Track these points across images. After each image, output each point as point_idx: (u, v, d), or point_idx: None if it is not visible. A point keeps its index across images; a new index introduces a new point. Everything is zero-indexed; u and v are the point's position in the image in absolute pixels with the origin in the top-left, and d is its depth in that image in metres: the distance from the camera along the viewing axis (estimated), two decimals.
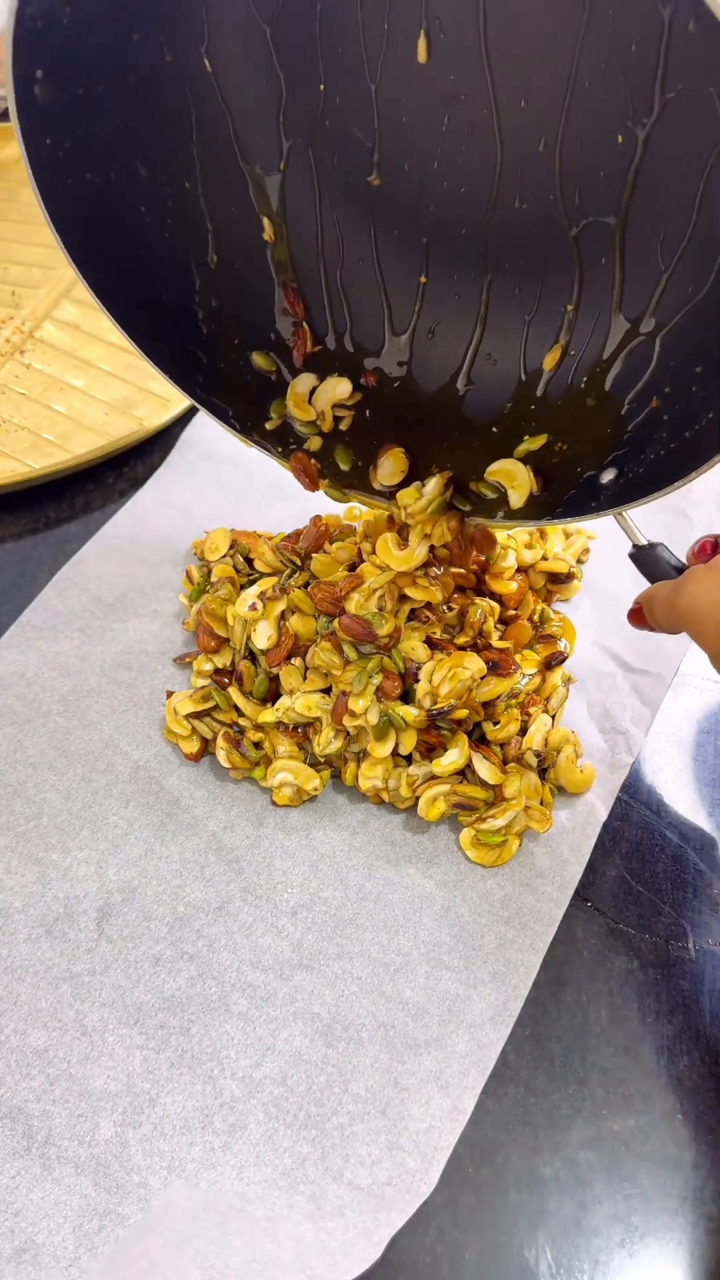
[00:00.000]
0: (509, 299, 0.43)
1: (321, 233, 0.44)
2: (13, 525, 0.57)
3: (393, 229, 0.43)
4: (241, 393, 0.48)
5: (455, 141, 0.39)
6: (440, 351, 0.46)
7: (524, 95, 0.37)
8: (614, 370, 0.42)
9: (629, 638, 0.53)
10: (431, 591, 0.47)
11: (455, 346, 0.45)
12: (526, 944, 0.43)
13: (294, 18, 0.38)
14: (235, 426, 0.48)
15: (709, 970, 0.43)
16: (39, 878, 0.44)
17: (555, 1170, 0.38)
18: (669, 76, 0.33)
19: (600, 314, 0.41)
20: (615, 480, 0.42)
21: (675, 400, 0.40)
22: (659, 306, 0.39)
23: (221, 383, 0.47)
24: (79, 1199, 0.37)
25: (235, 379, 0.48)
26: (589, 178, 0.38)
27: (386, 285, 0.45)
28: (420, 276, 0.44)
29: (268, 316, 0.47)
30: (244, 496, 0.59)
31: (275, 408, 0.48)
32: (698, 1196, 0.38)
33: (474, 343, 0.45)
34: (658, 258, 0.38)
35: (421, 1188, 0.37)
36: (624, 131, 0.36)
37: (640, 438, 0.41)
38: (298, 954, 0.43)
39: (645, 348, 0.41)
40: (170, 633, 0.53)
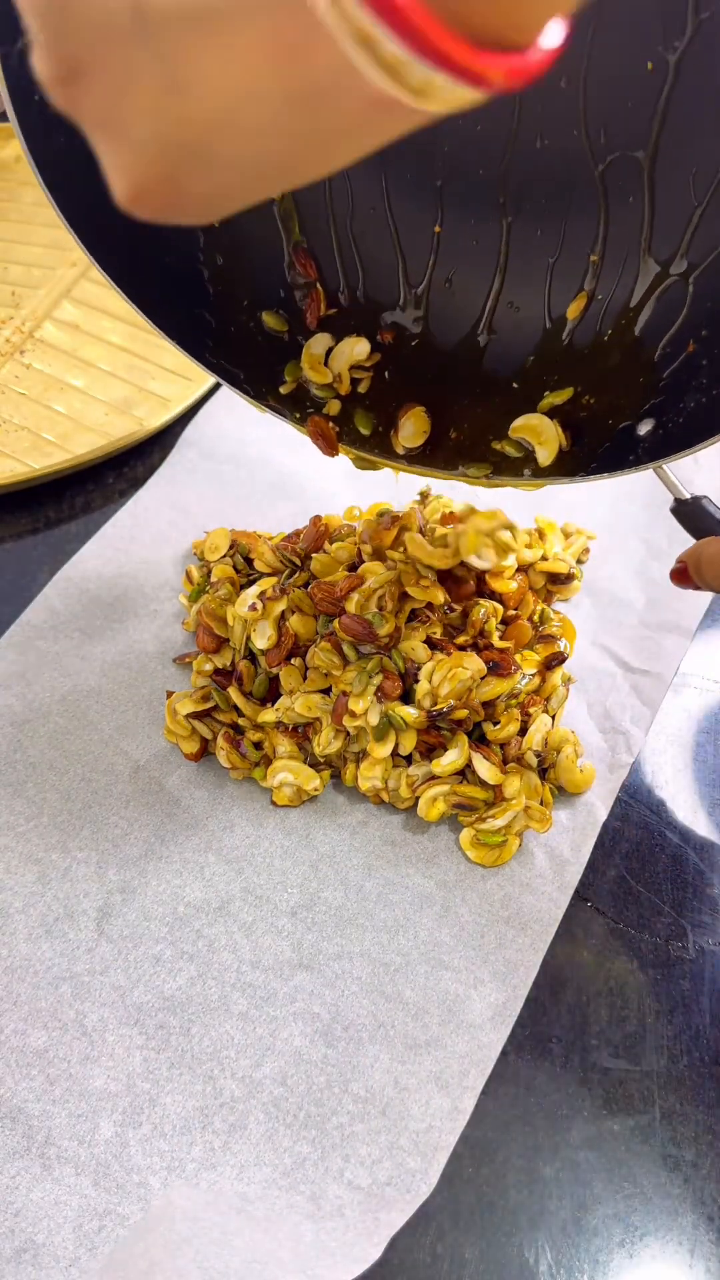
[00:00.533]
0: (530, 243, 0.41)
1: (328, 178, 0.42)
2: (13, 525, 0.57)
3: (405, 172, 0.41)
4: (253, 355, 0.46)
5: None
6: (459, 301, 0.44)
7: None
8: (644, 315, 0.40)
9: (629, 637, 0.53)
10: (433, 592, 0.47)
11: (474, 296, 0.43)
12: (526, 944, 0.43)
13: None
14: (248, 391, 0.46)
15: (709, 970, 0.43)
16: (39, 878, 0.44)
17: (555, 1170, 0.38)
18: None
19: (628, 256, 0.39)
20: (654, 431, 0.40)
21: (714, 343, 0.38)
22: (692, 245, 0.38)
23: (232, 346, 0.45)
24: (79, 1199, 0.37)
25: (246, 341, 0.46)
26: (616, 109, 0.36)
27: (400, 233, 0.43)
28: (435, 224, 0.42)
29: (277, 274, 0.45)
30: (244, 496, 0.59)
31: (289, 371, 0.46)
32: (698, 1196, 0.38)
33: (494, 291, 0.43)
34: (690, 193, 0.36)
35: (421, 1188, 0.37)
36: (654, 57, 0.34)
37: (677, 385, 0.39)
38: (298, 954, 0.43)
39: (678, 290, 0.39)
40: (170, 633, 0.53)
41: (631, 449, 0.41)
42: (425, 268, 0.44)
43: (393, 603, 0.47)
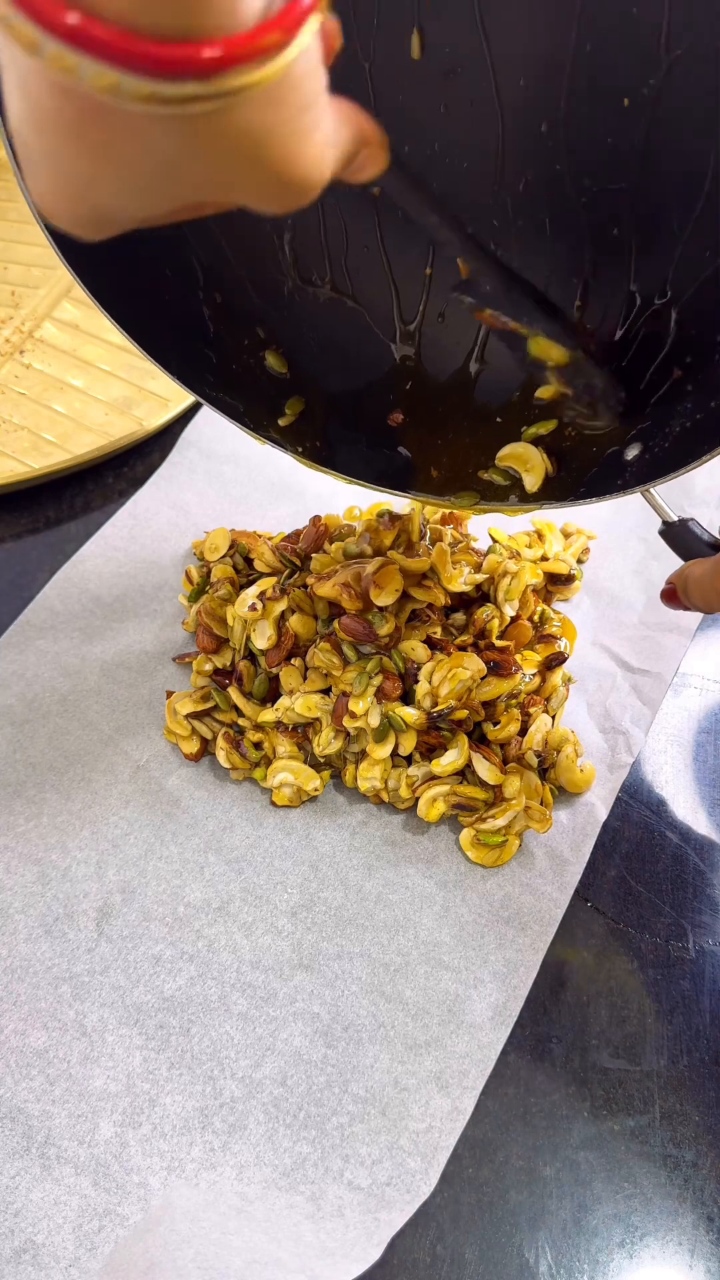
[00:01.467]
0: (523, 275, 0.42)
1: (323, 220, 0.43)
2: (13, 525, 0.57)
3: (396, 210, 0.42)
4: (254, 390, 0.47)
5: (455, 117, 0.38)
6: (451, 335, 0.45)
7: (524, 62, 0.36)
8: (631, 345, 0.41)
9: (629, 637, 0.53)
10: (435, 593, 0.47)
11: (466, 328, 0.44)
12: (526, 944, 0.43)
13: None
14: (247, 424, 0.46)
15: (709, 970, 0.43)
16: (39, 878, 0.44)
17: (555, 1170, 0.38)
18: (673, 34, 0.32)
19: (614, 286, 0.40)
20: (641, 455, 0.41)
21: (698, 369, 0.39)
22: (675, 275, 0.38)
23: (233, 381, 0.46)
24: (79, 1199, 0.37)
25: (247, 377, 0.46)
26: (596, 145, 0.37)
27: (394, 271, 0.44)
28: (428, 260, 0.43)
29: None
30: (244, 496, 0.59)
31: (291, 405, 0.47)
32: (698, 1197, 0.38)
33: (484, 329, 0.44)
34: (672, 223, 0.37)
35: (421, 1188, 0.37)
36: (630, 95, 0.35)
37: (664, 411, 0.40)
38: (298, 954, 0.43)
39: (662, 318, 0.39)
40: (170, 633, 0.53)
41: (619, 474, 0.41)
42: (418, 301, 0.44)
43: (389, 591, 0.47)
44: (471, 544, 0.51)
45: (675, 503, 0.59)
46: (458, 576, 0.48)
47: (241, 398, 0.46)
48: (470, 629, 0.48)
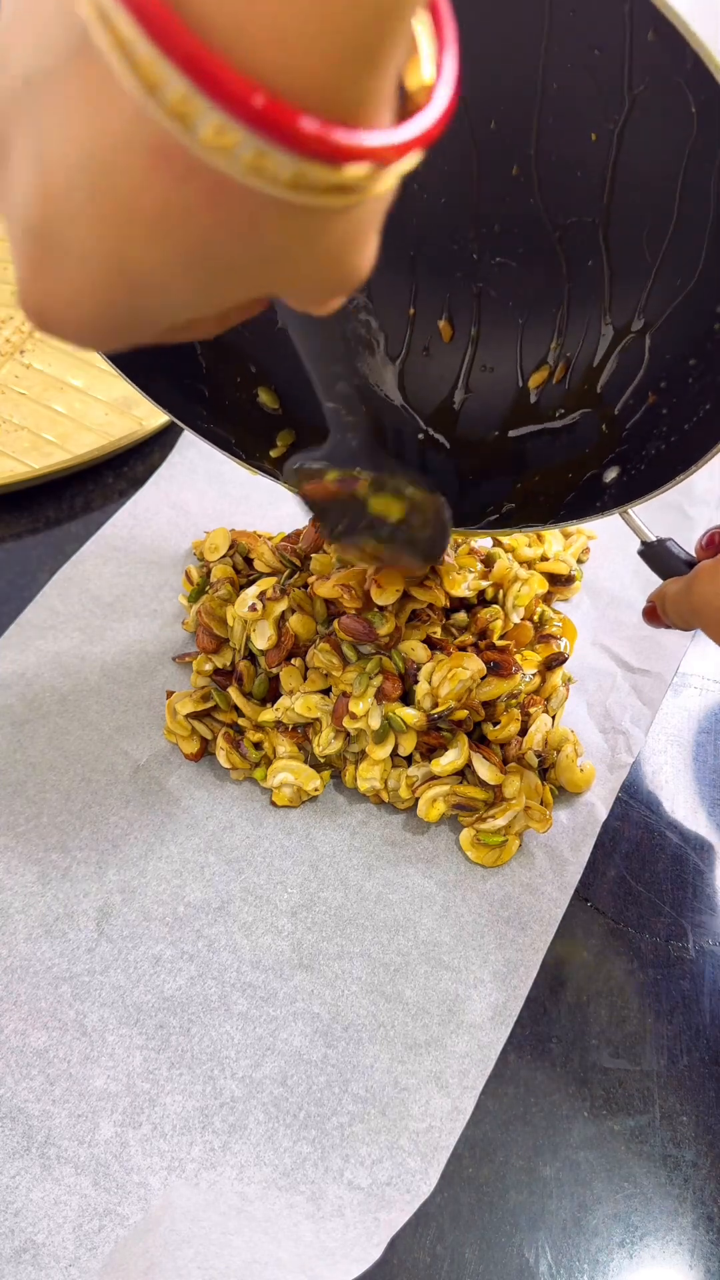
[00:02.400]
0: (499, 309, 0.43)
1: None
2: (13, 525, 0.57)
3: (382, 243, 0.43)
4: (246, 423, 0.47)
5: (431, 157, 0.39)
6: (435, 368, 0.46)
7: (495, 101, 0.37)
8: (607, 371, 0.42)
9: (629, 637, 0.53)
10: (436, 594, 0.47)
11: (450, 361, 0.45)
12: (526, 944, 0.43)
13: None
14: (239, 455, 0.47)
15: (709, 970, 0.43)
16: (39, 878, 0.44)
17: (555, 1170, 0.38)
18: (635, 73, 0.33)
19: (591, 315, 0.41)
20: (619, 478, 0.42)
21: (672, 394, 0.40)
22: (649, 302, 0.39)
23: (224, 414, 0.46)
24: (79, 1199, 0.37)
25: (238, 412, 0.47)
26: (567, 179, 0.38)
27: (376, 304, 0.45)
28: (410, 293, 0.44)
29: (270, 352, 0.46)
30: (244, 496, 0.59)
31: (282, 437, 0.47)
32: (697, 1196, 0.38)
33: (468, 356, 0.45)
34: (644, 252, 0.38)
35: (421, 1188, 0.37)
36: (598, 129, 0.36)
37: (640, 434, 0.41)
38: (298, 954, 0.43)
39: (637, 346, 0.40)
40: (170, 633, 0.53)
41: (598, 496, 0.42)
42: (403, 338, 0.45)
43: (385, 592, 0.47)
44: (473, 544, 0.51)
45: (676, 503, 0.59)
46: (461, 581, 0.48)
47: (233, 430, 0.47)
48: (472, 628, 0.48)
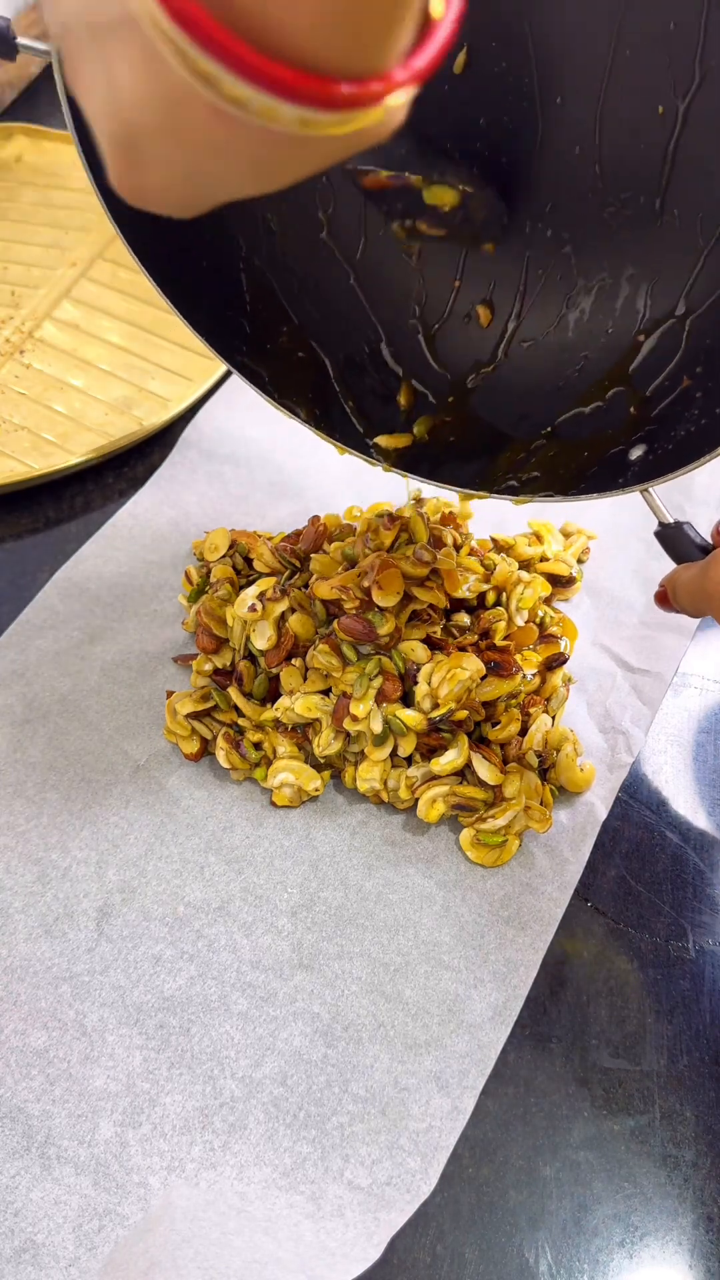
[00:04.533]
0: (545, 281, 0.43)
1: (366, 222, 0.43)
2: (13, 525, 0.57)
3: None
4: (282, 363, 0.47)
5: (496, 117, 0.39)
6: (475, 335, 0.45)
7: (564, 70, 0.37)
8: (642, 353, 0.41)
9: (629, 637, 0.53)
10: (437, 594, 0.47)
11: (490, 330, 0.45)
12: (526, 944, 0.43)
13: None
14: (270, 394, 0.46)
15: (709, 970, 0.43)
16: (39, 878, 0.44)
17: (555, 1170, 0.38)
18: (709, 46, 0.33)
19: (634, 296, 0.41)
20: (644, 456, 0.41)
21: (708, 378, 0.39)
22: (694, 286, 0.39)
23: (263, 353, 0.46)
24: (79, 1199, 0.37)
25: (280, 356, 0.46)
26: (628, 152, 0.38)
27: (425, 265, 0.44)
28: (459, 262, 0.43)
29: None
30: (244, 496, 0.58)
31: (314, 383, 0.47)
32: (698, 1196, 0.38)
33: (509, 328, 0.44)
34: (697, 235, 0.38)
35: (421, 1188, 0.37)
36: (665, 103, 0.36)
37: (671, 416, 0.41)
38: (298, 954, 0.43)
39: (676, 330, 0.40)
40: (170, 633, 0.53)
41: (621, 472, 0.42)
42: (447, 302, 0.45)
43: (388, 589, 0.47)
44: (472, 543, 0.51)
45: (675, 503, 0.59)
46: (463, 583, 0.48)
47: (268, 368, 0.46)
48: (475, 628, 0.48)
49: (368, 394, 0.47)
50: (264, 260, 0.45)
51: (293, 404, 0.46)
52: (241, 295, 0.45)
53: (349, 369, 0.47)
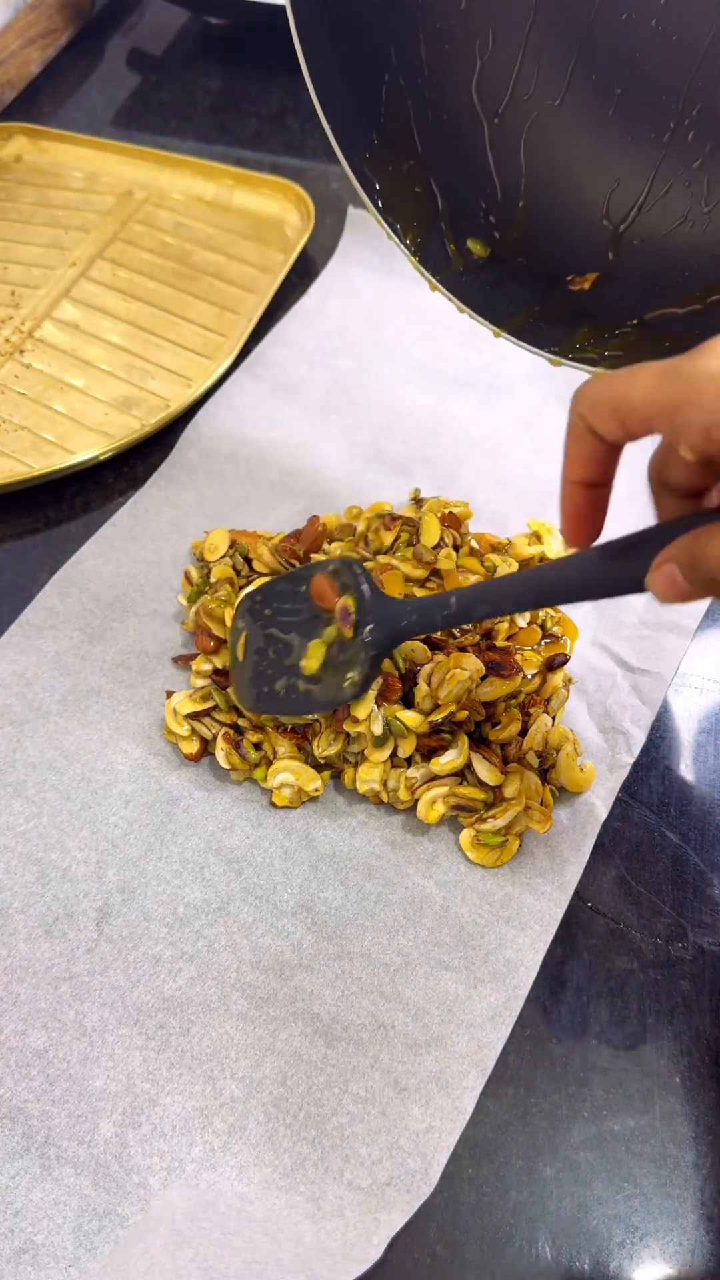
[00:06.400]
0: (675, 182, 0.43)
1: (517, 79, 0.43)
2: (13, 525, 0.57)
3: (591, 73, 0.42)
4: (399, 186, 0.46)
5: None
6: (589, 221, 0.45)
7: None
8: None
9: (629, 637, 0.53)
10: None
11: (606, 221, 0.45)
12: (526, 944, 0.43)
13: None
14: (378, 207, 0.45)
15: (709, 970, 0.43)
16: (38, 878, 0.44)
17: (555, 1170, 0.38)
18: None
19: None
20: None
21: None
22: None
23: (383, 172, 0.45)
24: (79, 1199, 0.37)
25: (398, 180, 0.46)
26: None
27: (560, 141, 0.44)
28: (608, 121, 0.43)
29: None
30: (244, 496, 0.59)
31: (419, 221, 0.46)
32: (698, 1197, 0.38)
33: (627, 220, 0.44)
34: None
35: (421, 1188, 0.37)
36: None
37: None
38: (298, 954, 0.43)
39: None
40: (170, 633, 0.53)
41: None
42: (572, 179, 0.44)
43: None
44: (472, 543, 0.51)
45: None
46: (464, 583, 0.48)
47: (383, 185, 0.45)
48: (476, 629, 0.48)
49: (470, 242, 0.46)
50: (408, 84, 0.44)
51: (397, 225, 0.46)
52: (378, 110, 0.45)
53: (458, 216, 0.46)
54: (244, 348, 0.64)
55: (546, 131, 0.44)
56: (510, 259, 0.46)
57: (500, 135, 0.45)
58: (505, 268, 0.46)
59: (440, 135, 0.45)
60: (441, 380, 0.64)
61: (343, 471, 0.59)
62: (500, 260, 0.46)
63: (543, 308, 0.45)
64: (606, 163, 0.44)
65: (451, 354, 0.65)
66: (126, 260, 0.69)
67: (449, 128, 0.45)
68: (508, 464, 0.60)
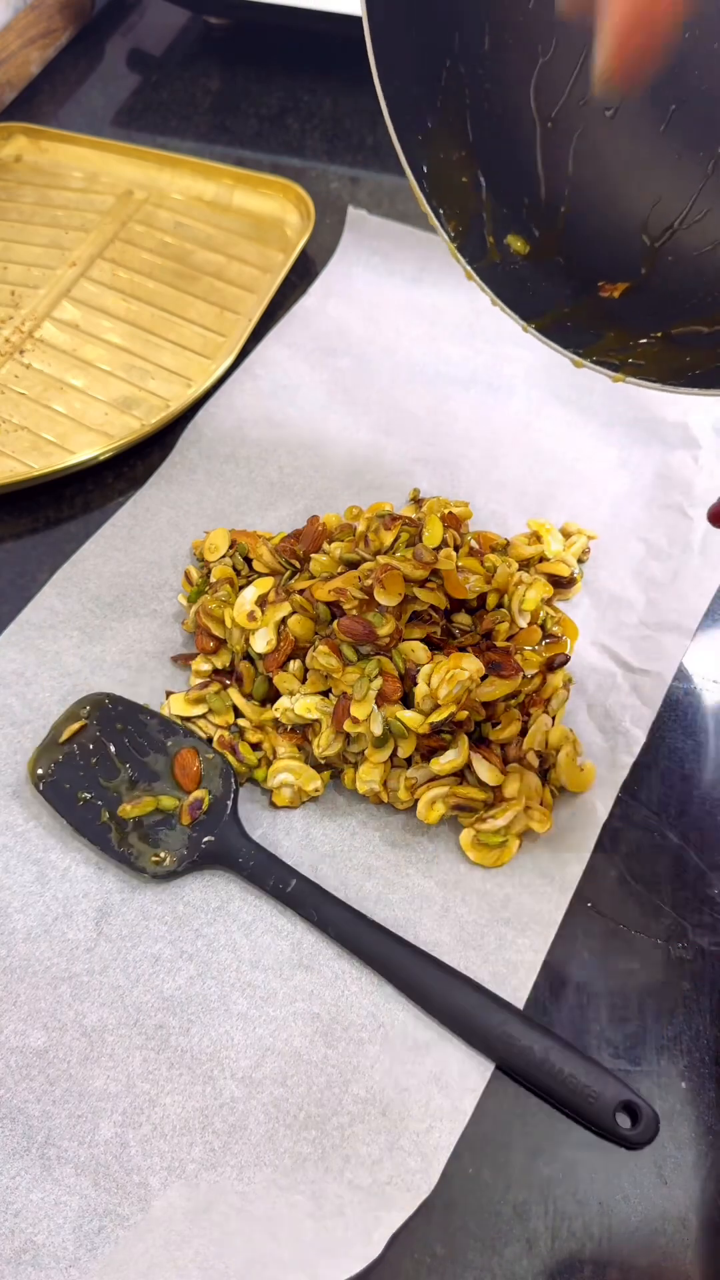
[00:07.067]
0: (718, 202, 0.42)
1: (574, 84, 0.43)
2: (13, 525, 0.57)
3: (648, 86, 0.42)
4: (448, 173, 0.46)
5: None
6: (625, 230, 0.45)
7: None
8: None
9: (629, 637, 0.53)
10: (438, 595, 0.47)
11: (643, 233, 0.44)
12: (526, 945, 0.43)
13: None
14: (424, 190, 0.45)
15: (709, 970, 0.43)
16: (37, 877, 0.44)
17: (555, 1170, 0.38)
18: None
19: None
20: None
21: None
22: None
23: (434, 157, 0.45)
24: (79, 1199, 0.37)
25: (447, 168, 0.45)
26: None
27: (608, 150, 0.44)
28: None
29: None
30: (244, 496, 0.59)
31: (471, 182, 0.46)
32: (698, 1198, 0.38)
33: (661, 237, 0.44)
34: None
35: (422, 1187, 0.37)
36: None
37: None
38: (298, 954, 0.43)
39: None
40: (170, 633, 0.53)
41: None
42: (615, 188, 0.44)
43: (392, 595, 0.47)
44: (472, 543, 0.51)
45: (676, 503, 0.59)
46: (464, 583, 0.48)
47: (431, 167, 0.45)
48: (477, 629, 0.48)
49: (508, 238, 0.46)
50: (468, 73, 0.44)
51: (440, 211, 0.45)
52: (436, 94, 0.45)
53: (501, 210, 0.46)
54: (244, 348, 0.64)
55: (596, 139, 0.44)
56: (547, 259, 0.46)
57: (551, 138, 0.45)
58: (541, 267, 0.46)
59: (493, 129, 0.45)
60: (441, 380, 0.64)
61: (343, 471, 0.59)
62: (536, 259, 0.46)
63: (573, 309, 0.46)
64: (651, 178, 0.44)
65: (451, 354, 0.65)
66: (126, 260, 0.69)
67: (502, 123, 0.45)
68: (508, 464, 0.60)
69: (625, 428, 0.61)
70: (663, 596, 0.55)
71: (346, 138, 0.78)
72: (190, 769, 0.46)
